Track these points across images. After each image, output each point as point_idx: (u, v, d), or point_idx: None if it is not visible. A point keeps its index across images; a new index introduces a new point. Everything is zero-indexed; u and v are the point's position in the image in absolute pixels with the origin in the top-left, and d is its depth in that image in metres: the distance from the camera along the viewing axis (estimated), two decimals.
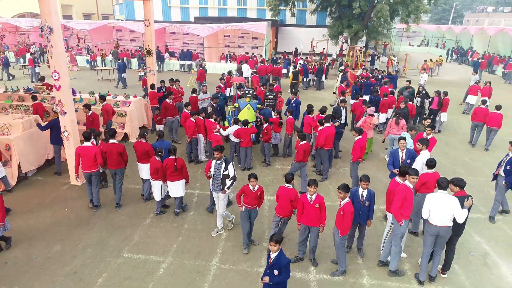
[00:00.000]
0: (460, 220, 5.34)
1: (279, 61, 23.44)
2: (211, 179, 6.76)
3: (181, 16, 36.25)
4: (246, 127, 9.33)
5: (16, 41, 29.59)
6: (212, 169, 6.63)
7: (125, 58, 25.95)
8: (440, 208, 5.39)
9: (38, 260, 6.08)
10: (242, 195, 6.22)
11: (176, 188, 7.21)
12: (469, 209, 5.45)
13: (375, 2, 24.67)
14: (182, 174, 7.17)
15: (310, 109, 10.12)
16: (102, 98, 10.71)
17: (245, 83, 14.21)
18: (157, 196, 7.36)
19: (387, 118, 12.71)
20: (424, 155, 7.11)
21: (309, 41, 31.14)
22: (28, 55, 23.37)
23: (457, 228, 5.61)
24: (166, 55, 26.55)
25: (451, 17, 61.89)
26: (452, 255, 5.92)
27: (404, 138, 7.62)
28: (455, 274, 6.03)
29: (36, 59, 20.27)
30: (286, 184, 6.11)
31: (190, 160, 10.07)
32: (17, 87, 12.67)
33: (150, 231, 6.99)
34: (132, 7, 36.60)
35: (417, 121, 13.27)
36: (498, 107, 11.19)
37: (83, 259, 6.12)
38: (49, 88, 12.22)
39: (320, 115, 9.76)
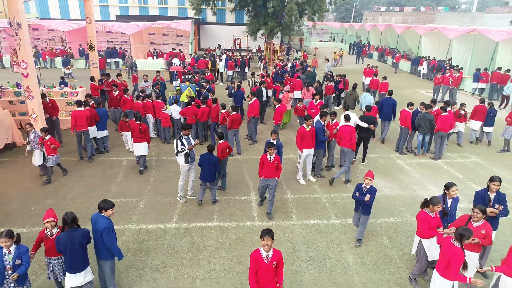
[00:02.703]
0: (364, 125, 9.64)
1: (204, 55, 25.57)
2: (183, 156, 7.68)
3: (101, 14, 36.11)
4: (189, 106, 11.41)
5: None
6: (186, 144, 7.58)
7: (48, 57, 25.94)
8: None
9: (37, 210, 7.56)
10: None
11: (141, 148, 9.15)
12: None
13: (286, 2, 28.13)
14: (146, 137, 9.10)
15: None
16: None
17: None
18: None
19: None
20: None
21: (230, 38, 33.71)
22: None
23: (368, 134, 10.01)
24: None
25: (353, 15, 69.98)
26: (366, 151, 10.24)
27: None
28: (346, 187, 9.01)
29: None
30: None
31: None
32: None
33: (123, 185, 8.80)
34: (46, 5, 35.34)
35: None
36: (385, 78, 16.21)
37: (75, 205, 7.77)
38: None
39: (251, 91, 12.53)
